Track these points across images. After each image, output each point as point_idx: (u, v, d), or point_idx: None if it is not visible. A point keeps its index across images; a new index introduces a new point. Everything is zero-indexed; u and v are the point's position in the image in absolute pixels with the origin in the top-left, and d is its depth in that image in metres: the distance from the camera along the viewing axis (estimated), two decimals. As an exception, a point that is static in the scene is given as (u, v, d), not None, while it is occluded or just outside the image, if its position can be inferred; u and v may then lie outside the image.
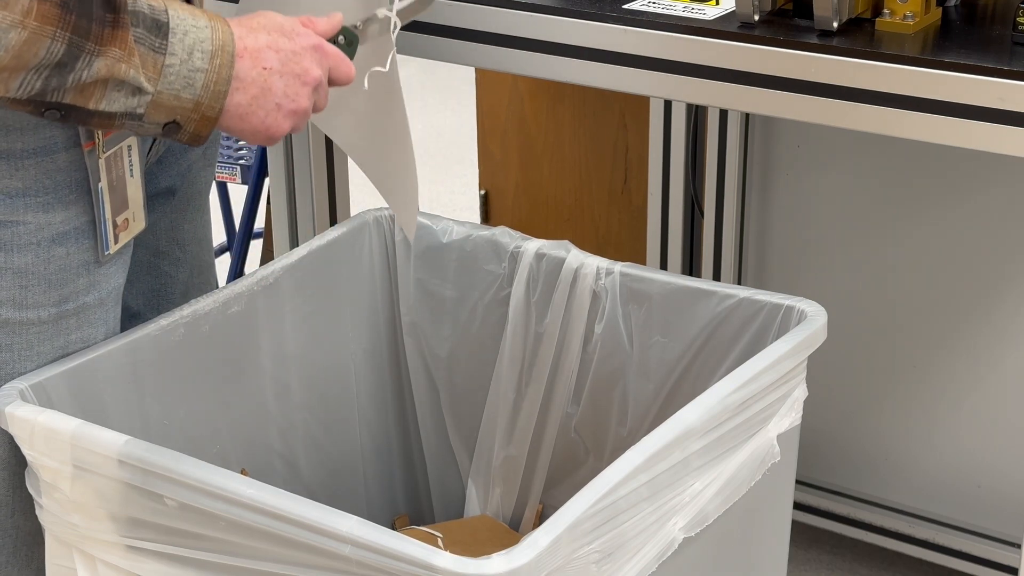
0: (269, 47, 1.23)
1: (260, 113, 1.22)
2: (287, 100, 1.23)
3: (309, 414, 1.59)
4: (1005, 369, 2.19)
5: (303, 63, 1.24)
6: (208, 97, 1.19)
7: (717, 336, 1.47)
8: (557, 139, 2.84)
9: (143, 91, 1.16)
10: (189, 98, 1.18)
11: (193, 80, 1.18)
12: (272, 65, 1.22)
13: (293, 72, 1.23)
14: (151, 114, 1.18)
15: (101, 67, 1.13)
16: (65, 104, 1.14)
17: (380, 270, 1.65)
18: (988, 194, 2.13)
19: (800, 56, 1.46)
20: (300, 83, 1.24)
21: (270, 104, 1.22)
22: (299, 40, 1.25)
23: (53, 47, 1.10)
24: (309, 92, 1.25)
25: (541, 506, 1.66)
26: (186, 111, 1.19)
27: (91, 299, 1.31)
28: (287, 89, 1.23)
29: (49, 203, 1.25)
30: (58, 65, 1.11)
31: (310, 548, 1.10)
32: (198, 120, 1.20)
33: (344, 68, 1.29)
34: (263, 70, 1.22)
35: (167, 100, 1.17)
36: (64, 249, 1.27)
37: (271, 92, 1.22)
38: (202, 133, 1.21)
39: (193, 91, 1.18)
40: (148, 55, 1.15)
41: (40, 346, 1.29)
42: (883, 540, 2.31)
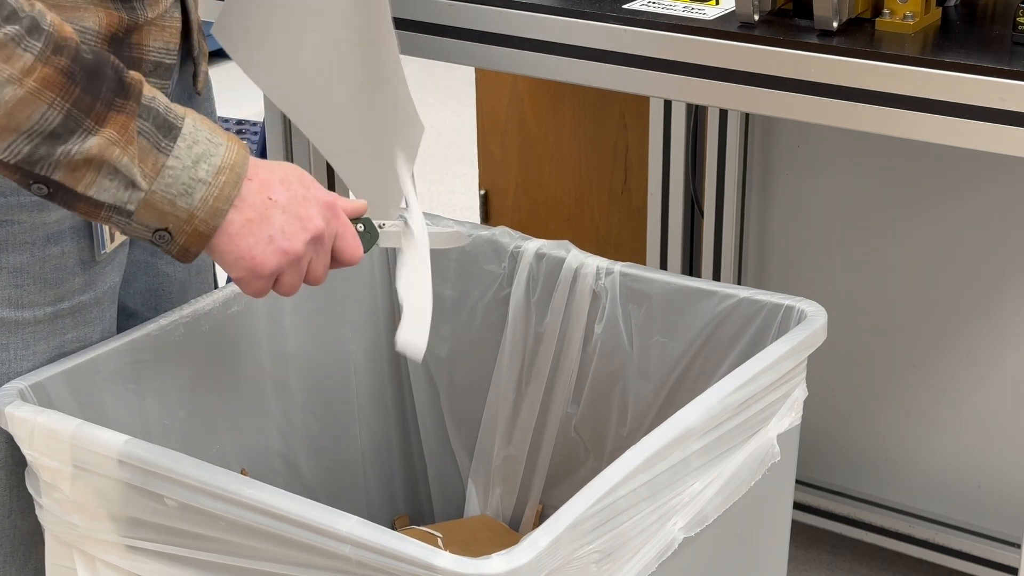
0: (281, 183, 1.19)
1: (250, 239, 1.17)
2: (282, 236, 1.18)
3: (309, 414, 1.59)
4: (1005, 369, 2.19)
5: (309, 209, 1.20)
6: (205, 212, 1.14)
7: (717, 336, 1.47)
8: (557, 139, 2.84)
9: (136, 186, 1.12)
10: (184, 207, 1.14)
11: (192, 190, 1.14)
12: (278, 199, 1.18)
13: (296, 214, 1.19)
14: (141, 214, 1.13)
15: (94, 146, 1.09)
16: (54, 181, 1.10)
17: (380, 270, 1.65)
18: (988, 194, 2.13)
19: (800, 56, 1.46)
20: (300, 226, 1.19)
21: (263, 234, 1.18)
22: (313, 190, 1.22)
23: (49, 114, 1.07)
24: (307, 239, 1.20)
25: (541, 506, 1.66)
26: (179, 221, 1.14)
27: (87, 298, 1.31)
28: (285, 226, 1.18)
29: (43, 202, 1.25)
30: (51, 135, 1.08)
31: (310, 548, 1.10)
32: (190, 233, 1.15)
33: (352, 244, 1.25)
34: (267, 199, 1.18)
35: (160, 203, 1.13)
36: (59, 248, 1.27)
37: (268, 222, 1.18)
38: (191, 249, 1.16)
39: (189, 200, 1.14)
40: (149, 151, 1.12)
41: (36, 345, 1.29)
42: (883, 540, 2.31)
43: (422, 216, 1.35)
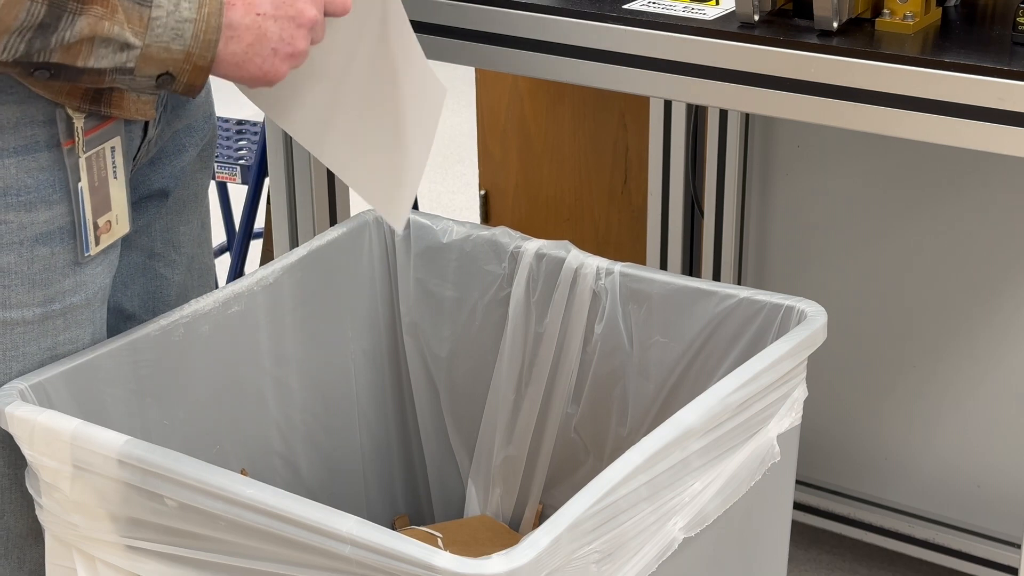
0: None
1: (257, 60, 1.21)
2: (283, 44, 1.22)
3: (309, 414, 1.59)
4: (1005, 369, 2.19)
5: (297, 5, 1.22)
6: (199, 47, 1.18)
7: (717, 336, 1.47)
8: (557, 139, 2.84)
9: (131, 46, 1.16)
10: (179, 49, 1.18)
11: (182, 31, 1.17)
12: (265, 10, 1.21)
13: (287, 15, 1.22)
14: (142, 67, 1.17)
15: (84, 26, 1.13)
16: (53, 63, 1.14)
17: (380, 270, 1.65)
18: (988, 194, 2.13)
19: (800, 56, 1.46)
20: (295, 25, 1.22)
21: (266, 50, 1.21)
22: None
23: (33, 9, 1.11)
24: (305, 34, 1.23)
25: (541, 506, 1.66)
26: (177, 62, 1.18)
27: (77, 299, 1.31)
28: (283, 33, 1.22)
29: (31, 202, 1.25)
30: (40, 27, 1.12)
31: (310, 548, 1.10)
32: (191, 70, 1.19)
33: (340, 1, 1.27)
34: (256, 16, 1.21)
35: (157, 53, 1.17)
36: (48, 249, 1.27)
37: (266, 38, 1.21)
38: (196, 83, 1.20)
39: (183, 42, 1.17)
40: (133, 9, 1.15)
41: (26, 346, 1.29)
42: (883, 540, 2.31)
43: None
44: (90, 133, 1.26)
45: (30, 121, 1.23)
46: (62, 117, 1.23)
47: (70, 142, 1.25)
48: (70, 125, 1.24)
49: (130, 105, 1.27)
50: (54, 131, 1.24)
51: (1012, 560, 2.19)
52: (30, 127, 1.23)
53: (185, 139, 1.46)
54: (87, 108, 1.24)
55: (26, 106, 1.22)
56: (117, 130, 1.29)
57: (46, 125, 1.24)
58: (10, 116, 1.22)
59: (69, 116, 1.23)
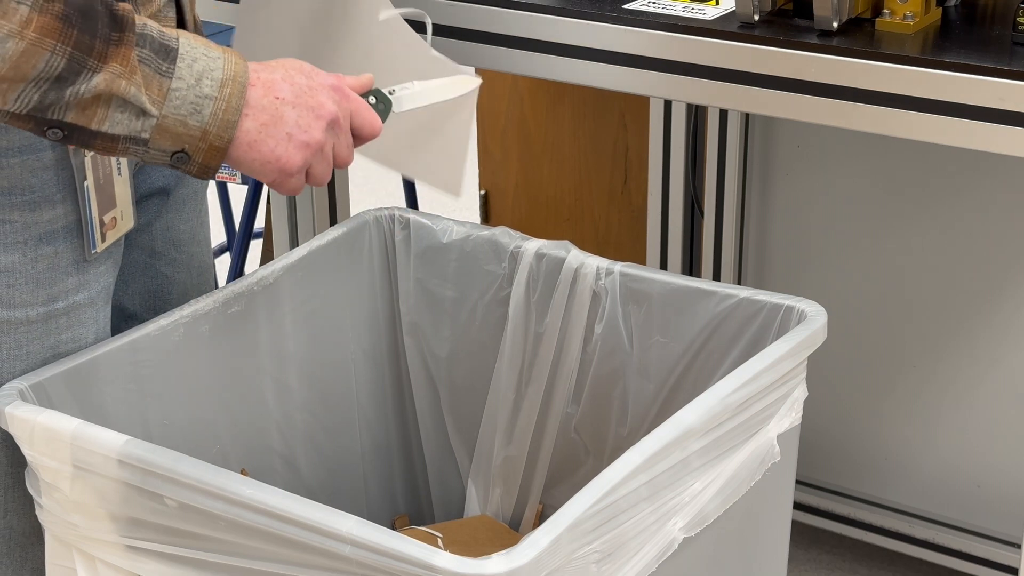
0: (284, 80, 1.21)
1: (270, 142, 1.20)
2: (299, 131, 1.21)
3: (309, 414, 1.59)
4: (1005, 369, 2.19)
5: (318, 97, 1.22)
6: (216, 126, 1.17)
7: (717, 336, 1.47)
8: (557, 139, 2.84)
9: (147, 113, 1.14)
10: (196, 125, 1.16)
11: (201, 107, 1.16)
12: (285, 96, 1.20)
13: (307, 104, 1.21)
14: (156, 140, 1.16)
15: (100, 82, 1.11)
16: (67, 123, 1.12)
17: (380, 270, 1.65)
18: (988, 194, 2.13)
19: (800, 56, 1.46)
20: (314, 116, 1.22)
21: (280, 133, 1.20)
22: (317, 78, 1.23)
23: (53, 61, 1.09)
24: (323, 126, 1.22)
25: (541, 506, 1.66)
26: (194, 139, 1.17)
27: (81, 298, 1.31)
28: (300, 120, 1.21)
29: (35, 201, 1.25)
30: (57, 79, 1.10)
31: (310, 548, 1.10)
32: (206, 149, 1.18)
33: (369, 119, 1.27)
34: (275, 99, 1.20)
35: (173, 126, 1.15)
36: (52, 248, 1.27)
37: (282, 121, 1.20)
38: (211, 164, 1.19)
39: (201, 118, 1.16)
40: (153, 77, 1.14)
41: (29, 345, 1.29)
42: (883, 540, 2.31)
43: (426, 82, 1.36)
44: None
45: None
46: None
47: None
48: None
49: None
50: None
51: (1012, 560, 2.20)
52: None
53: None
54: None
55: None
56: None
57: None
58: None
59: None
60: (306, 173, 1.25)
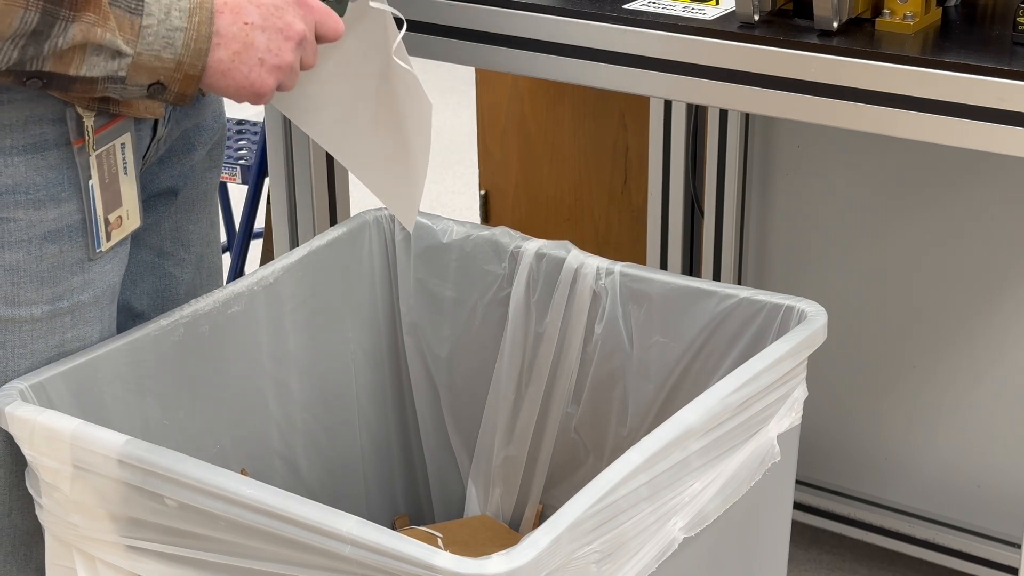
0: (250, 2, 1.22)
1: (243, 69, 1.21)
2: (270, 55, 1.22)
3: (309, 414, 1.59)
4: (1005, 369, 2.19)
5: (285, 17, 1.23)
6: (189, 55, 1.18)
7: (717, 336, 1.47)
8: (557, 139, 2.84)
9: (122, 54, 1.16)
10: (170, 58, 1.18)
11: (173, 39, 1.17)
12: (253, 20, 1.21)
13: (275, 27, 1.22)
14: (133, 76, 1.18)
15: (76, 32, 1.13)
16: (45, 72, 1.15)
17: (380, 270, 1.65)
18: (988, 194, 2.13)
19: (800, 56, 1.46)
20: (283, 37, 1.23)
21: (252, 59, 1.21)
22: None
23: (27, 16, 1.11)
24: (293, 47, 1.23)
25: (541, 506, 1.67)
26: (168, 71, 1.18)
27: (86, 297, 1.31)
28: (270, 44, 1.22)
29: (40, 200, 1.25)
30: (33, 34, 1.12)
31: (310, 548, 1.10)
32: (181, 79, 1.19)
33: (331, 23, 1.28)
34: (244, 25, 1.21)
35: (148, 61, 1.17)
36: (57, 247, 1.27)
37: (253, 47, 1.21)
38: (187, 92, 1.21)
39: (174, 50, 1.18)
40: (124, 17, 1.15)
41: (34, 344, 1.29)
42: (883, 540, 2.31)
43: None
44: (100, 131, 1.27)
45: (39, 119, 1.23)
46: (72, 116, 1.24)
47: (80, 140, 1.25)
48: (80, 124, 1.24)
49: (139, 104, 1.28)
50: (63, 129, 1.25)
51: (1012, 560, 2.20)
52: (39, 125, 1.23)
53: (194, 138, 1.46)
54: (96, 106, 1.25)
55: (35, 104, 1.23)
56: (127, 127, 1.30)
57: (55, 123, 1.24)
58: (19, 115, 1.22)
59: (79, 115, 1.24)
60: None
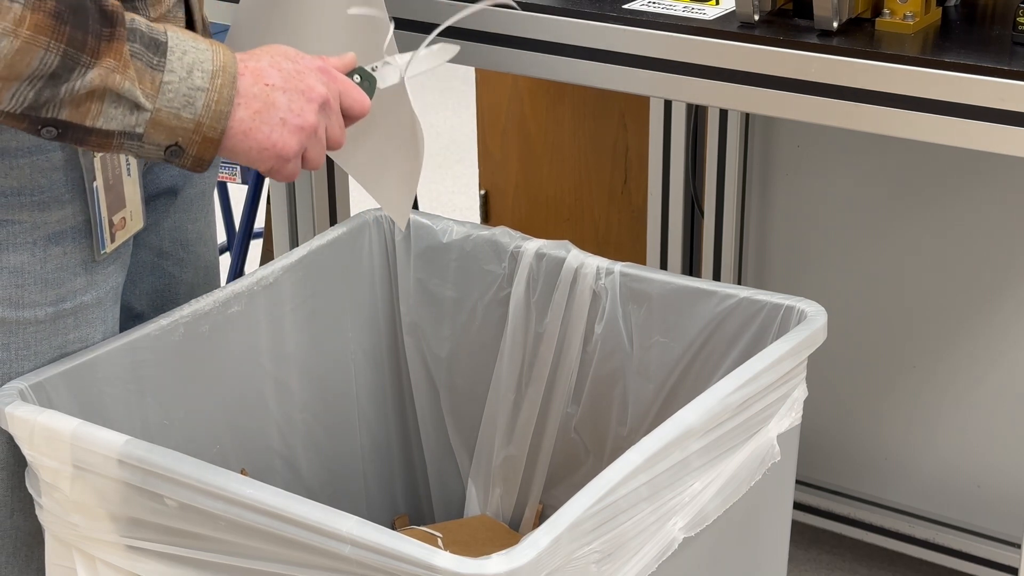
0: (271, 66, 1.21)
1: (264, 128, 1.20)
2: (292, 115, 1.21)
3: (309, 414, 1.59)
4: (1005, 369, 2.19)
5: (307, 80, 1.22)
6: (210, 117, 1.16)
7: (717, 336, 1.47)
8: (557, 139, 2.84)
9: (141, 107, 1.14)
10: (190, 118, 1.16)
11: (193, 99, 1.15)
12: (274, 82, 1.20)
13: (297, 88, 1.21)
14: (151, 134, 1.15)
15: (95, 77, 1.11)
16: (61, 120, 1.12)
17: (380, 270, 1.65)
18: (988, 194, 2.13)
19: (800, 56, 1.46)
20: (305, 99, 1.21)
21: (274, 119, 1.20)
22: (303, 61, 1.23)
23: (47, 58, 1.09)
24: (315, 108, 1.22)
25: (541, 506, 1.67)
26: (187, 132, 1.16)
27: (89, 299, 1.31)
28: (291, 104, 1.21)
29: (44, 202, 1.25)
30: (52, 76, 1.10)
31: (310, 548, 1.10)
32: (200, 142, 1.17)
33: (358, 97, 1.27)
34: (265, 86, 1.20)
35: (167, 119, 1.15)
36: (60, 248, 1.27)
37: (275, 107, 1.20)
38: (205, 157, 1.19)
39: (194, 110, 1.16)
40: (145, 71, 1.13)
41: (37, 345, 1.29)
42: (883, 540, 2.31)
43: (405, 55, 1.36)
44: None
45: None
46: None
47: None
48: None
49: None
50: None
51: (1012, 560, 2.20)
52: None
53: None
54: None
55: None
56: None
57: None
58: None
59: None
60: (302, 157, 1.25)
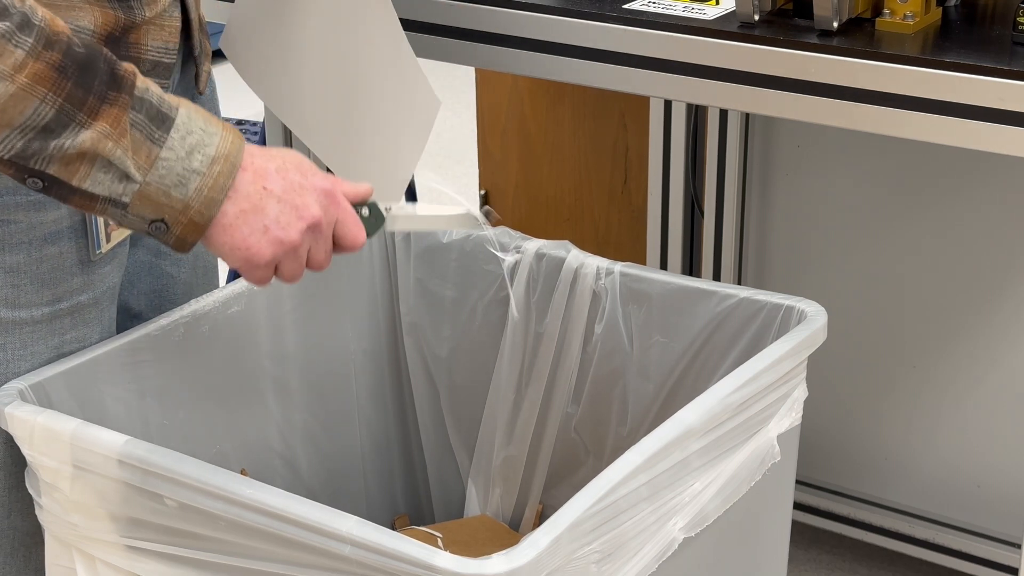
0: (277, 172, 1.18)
1: (244, 230, 1.17)
2: (276, 226, 1.17)
3: (309, 414, 1.59)
4: (1005, 369, 2.19)
5: (305, 198, 1.19)
6: (199, 202, 1.14)
7: (717, 336, 1.47)
8: (557, 139, 2.84)
9: (130, 178, 1.12)
10: (179, 198, 1.13)
11: (186, 180, 1.13)
12: (273, 188, 1.17)
13: (292, 203, 1.18)
14: (136, 206, 1.13)
15: (86, 139, 1.09)
16: (48, 175, 1.10)
17: (380, 270, 1.65)
18: (988, 194, 2.13)
19: (800, 56, 1.46)
20: (296, 215, 1.18)
21: (257, 224, 1.17)
22: (311, 178, 1.20)
23: (41, 109, 1.07)
24: (303, 227, 1.19)
25: (541, 506, 1.66)
26: (174, 211, 1.14)
27: (86, 298, 1.31)
28: (280, 216, 1.17)
29: (40, 202, 1.25)
30: (44, 129, 1.08)
31: (310, 548, 1.10)
32: (186, 224, 1.15)
33: (353, 230, 1.23)
34: (262, 189, 1.17)
35: (155, 195, 1.13)
36: (56, 248, 1.27)
37: (262, 212, 1.17)
38: (188, 239, 1.16)
39: (184, 191, 1.13)
40: (143, 143, 1.11)
41: (34, 345, 1.29)
42: (883, 540, 2.31)
43: (427, 208, 1.34)
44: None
45: None
46: None
47: None
48: None
49: None
50: None
51: (1012, 560, 2.20)
52: None
53: None
54: None
55: None
56: None
57: None
58: None
59: None
60: (276, 268, 1.21)
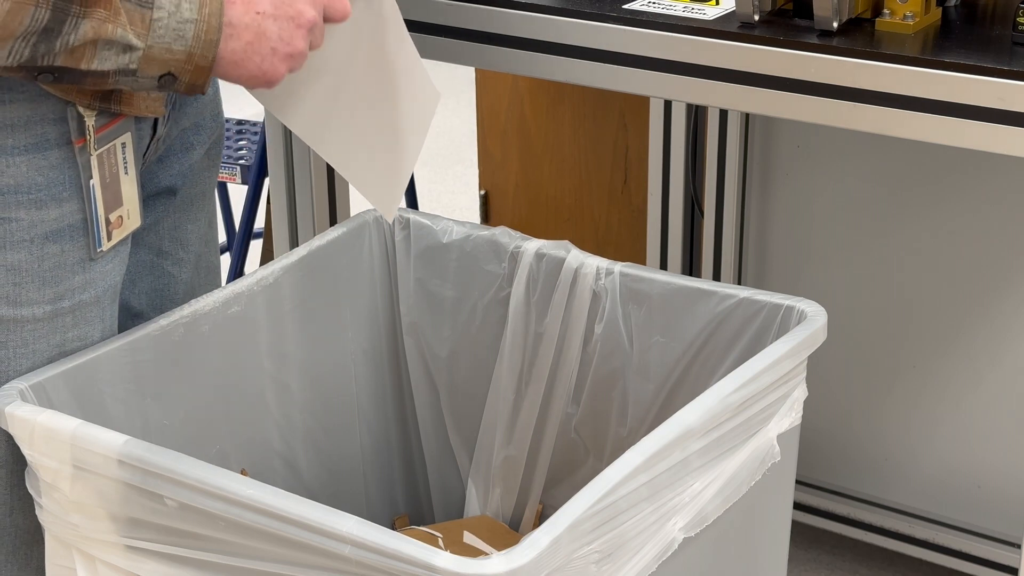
0: None
1: (256, 59, 1.22)
2: (282, 44, 1.23)
3: (309, 414, 1.59)
4: (1005, 369, 2.19)
5: (297, 5, 1.23)
6: (200, 47, 1.19)
7: (717, 336, 1.47)
8: (557, 139, 2.84)
9: (133, 47, 1.16)
10: (181, 50, 1.18)
11: (183, 31, 1.18)
12: (264, 9, 1.22)
13: (287, 15, 1.23)
14: (144, 68, 1.18)
15: (88, 29, 1.13)
16: (57, 67, 1.15)
17: (380, 270, 1.65)
18: (988, 194, 2.13)
19: (800, 56, 1.46)
20: (295, 25, 1.23)
21: (265, 49, 1.22)
22: None
23: (37, 14, 1.11)
24: (304, 34, 1.24)
25: (541, 506, 1.66)
26: (179, 63, 1.19)
27: (87, 297, 1.31)
28: (282, 33, 1.23)
29: (42, 200, 1.25)
30: (45, 31, 1.12)
31: (310, 548, 1.10)
32: (193, 71, 1.20)
33: (339, 5, 1.28)
34: (256, 15, 1.21)
35: (159, 54, 1.18)
36: (58, 246, 1.27)
37: (265, 36, 1.22)
38: (198, 83, 1.21)
39: (184, 42, 1.18)
40: (135, 11, 1.16)
41: (36, 344, 1.29)
42: (883, 540, 2.31)
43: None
44: (101, 131, 1.27)
45: (41, 119, 1.23)
46: (73, 115, 1.24)
47: (81, 140, 1.25)
48: (81, 123, 1.25)
49: (140, 102, 1.28)
50: (64, 129, 1.25)
51: (1012, 560, 2.20)
52: (40, 125, 1.23)
53: (193, 137, 1.47)
54: (98, 106, 1.25)
55: (37, 104, 1.23)
56: (127, 126, 1.30)
57: (56, 123, 1.24)
58: (21, 114, 1.22)
59: (80, 114, 1.24)
60: None
